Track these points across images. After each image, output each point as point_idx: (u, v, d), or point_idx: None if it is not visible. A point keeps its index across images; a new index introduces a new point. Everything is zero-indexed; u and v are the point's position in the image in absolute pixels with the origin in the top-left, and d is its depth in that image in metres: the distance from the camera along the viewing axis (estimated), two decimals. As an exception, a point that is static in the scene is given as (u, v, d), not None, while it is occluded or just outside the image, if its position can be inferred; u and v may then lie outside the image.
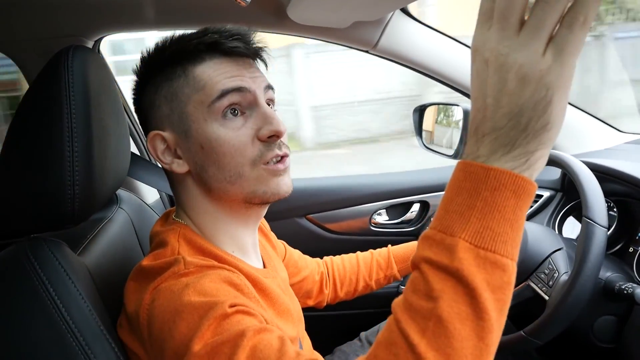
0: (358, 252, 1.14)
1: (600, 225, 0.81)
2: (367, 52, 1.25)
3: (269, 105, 0.71)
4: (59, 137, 0.62)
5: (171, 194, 0.99)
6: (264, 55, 0.72)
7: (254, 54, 0.71)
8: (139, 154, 1.37)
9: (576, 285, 0.78)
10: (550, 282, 0.85)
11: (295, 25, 1.13)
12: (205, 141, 0.66)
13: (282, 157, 0.69)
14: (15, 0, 0.98)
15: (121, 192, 0.97)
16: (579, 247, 0.81)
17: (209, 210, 0.71)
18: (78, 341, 0.59)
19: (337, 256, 1.13)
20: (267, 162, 0.68)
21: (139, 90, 0.73)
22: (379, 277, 1.09)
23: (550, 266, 0.87)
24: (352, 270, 1.10)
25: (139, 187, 1.31)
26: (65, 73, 0.64)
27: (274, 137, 0.67)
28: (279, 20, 1.13)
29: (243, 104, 0.67)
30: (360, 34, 1.20)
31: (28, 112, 0.65)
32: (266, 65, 0.74)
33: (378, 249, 1.14)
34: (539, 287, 0.87)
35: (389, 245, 1.13)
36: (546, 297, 0.84)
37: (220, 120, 0.66)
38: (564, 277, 0.84)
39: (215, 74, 0.67)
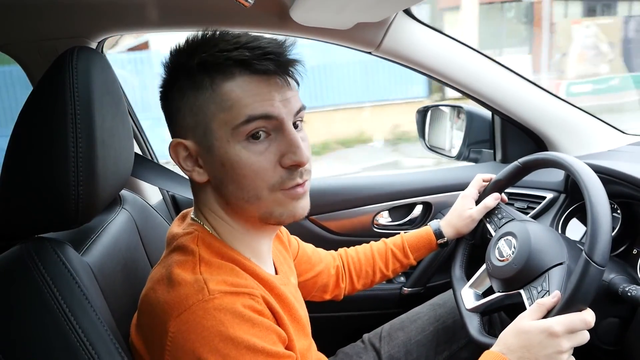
0: (372, 242, 1.13)
1: (598, 266, 0.76)
2: (370, 53, 1.25)
3: (296, 126, 0.69)
4: (63, 138, 0.63)
5: (176, 193, 1.00)
6: (298, 72, 0.69)
7: (287, 73, 0.67)
8: (141, 154, 1.37)
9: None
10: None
11: (298, 26, 1.13)
12: (226, 161, 0.66)
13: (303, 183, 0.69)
14: (19, 2, 0.99)
15: (125, 193, 0.97)
16: (571, 284, 0.77)
17: (226, 219, 0.72)
18: (82, 341, 0.59)
19: (351, 248, 1.12)
20: (287, 189, 0.68)
21: (167, 90, 0.70)
22: (395, 266, 1.10)
23: (544, 283, 0.85)
24: (368, 263, 1.09)
25: (143, 188, 1.31)
26: (69, 74, 0.64)
27: (296, 166, 0.67)
28: (282, 22, 1.13)
29: (269, 128, 0.66)
30: (363, 36, 1.20)
31: (33, 113, 0.65)
32: (298, 83, 0.71)
33: (391, 237, 1.13)
34: (529, 300, 0.85)
35: (402, 233, 1.13)
36: None
37: (243, 143, 0.65)
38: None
39: (245, 95, 0.64)
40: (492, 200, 1.07)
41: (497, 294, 0.93)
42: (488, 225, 1.08)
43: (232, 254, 0.69)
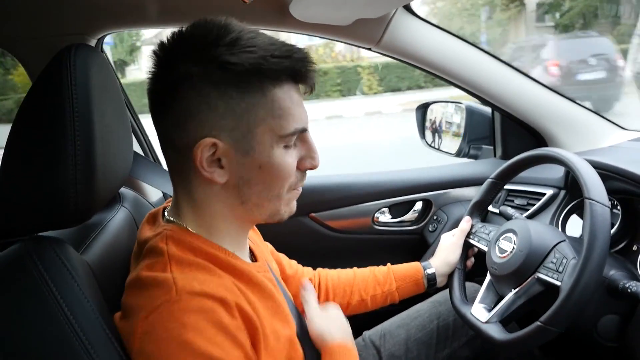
0: (355, 268, 1.13)
1: (602, 204, 0.82)
2: (369, 49, 1.24)
3: None
4: (62, 135, 0.62)
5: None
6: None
7: (313, 83, 0.70)
8: (142, 152, 1.37)
9: (589, 263, 0.79)
10: (560, 268, 0.85)
11: (297, 22, 1.13)
12: (266, 163, 0.68)
13: None
14: None
15: (124, 191, 0.97)
16: (586, 229, 0.81)
17: (225, 214, 0.72)
18: (80, 340, 0.59)
19: (333, 270, 1.12)
20: (295, 189, 0.74)
21: (182, 80, 0.64)
22: (376, 292, 1.08)
23: (557, 255, 0.88)
24: (348, 282, 1.09)
25: (142, 185, 1.31)
26: (67, 72, 0.64)
27: (311, 169, 0.74)
28: (282, 18, 1.13)
29: (299, 136, 0.71)
30: (363, 32, 1.19)
31: (31, 110, 0.65)
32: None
33: (378, 266, 1.13)
34: (549, 276, 0.86)
35: (388, 264, 1.14)
36: (558, 283, 0.84)
37: (282, 149, 0.69)
38: (574, 261, 0.84)
39: (292, 104, 0.67)
40: (464, 223, 1.14)
41: (509, 295, 0.92)
42: (477, 244, 1.09)
43: (206, 248, 0.68)
